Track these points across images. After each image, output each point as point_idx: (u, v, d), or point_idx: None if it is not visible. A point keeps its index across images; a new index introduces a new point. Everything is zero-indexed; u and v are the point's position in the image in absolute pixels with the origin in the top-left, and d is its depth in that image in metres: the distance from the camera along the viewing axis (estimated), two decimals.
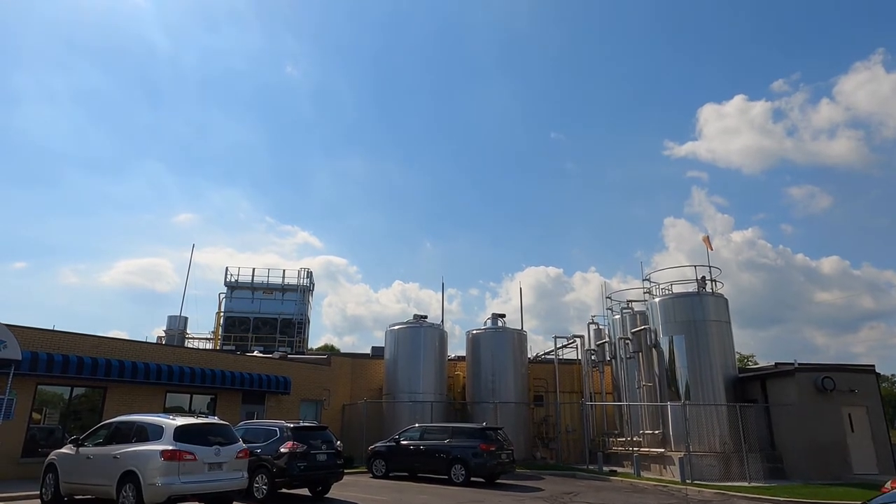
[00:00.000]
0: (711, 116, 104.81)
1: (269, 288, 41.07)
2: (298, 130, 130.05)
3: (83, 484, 11.27)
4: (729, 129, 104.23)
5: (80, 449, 11.51)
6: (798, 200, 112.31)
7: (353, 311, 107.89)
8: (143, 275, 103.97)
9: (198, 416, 11.81)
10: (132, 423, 11.24)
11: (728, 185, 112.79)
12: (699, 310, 22.34)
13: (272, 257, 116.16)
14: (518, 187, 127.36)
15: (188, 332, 39.16)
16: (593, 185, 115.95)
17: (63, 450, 12.01)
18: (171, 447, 10.16)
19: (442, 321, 28.82)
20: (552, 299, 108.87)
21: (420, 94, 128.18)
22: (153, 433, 10.62)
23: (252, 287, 40.99)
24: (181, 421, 10.83)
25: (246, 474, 11.38)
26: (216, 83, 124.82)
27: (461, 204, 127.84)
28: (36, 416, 16.85)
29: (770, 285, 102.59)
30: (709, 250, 24.76)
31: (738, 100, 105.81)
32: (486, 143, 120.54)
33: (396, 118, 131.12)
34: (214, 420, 12.08)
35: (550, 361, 29.52)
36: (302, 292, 41.60)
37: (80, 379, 17.03)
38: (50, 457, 12.15)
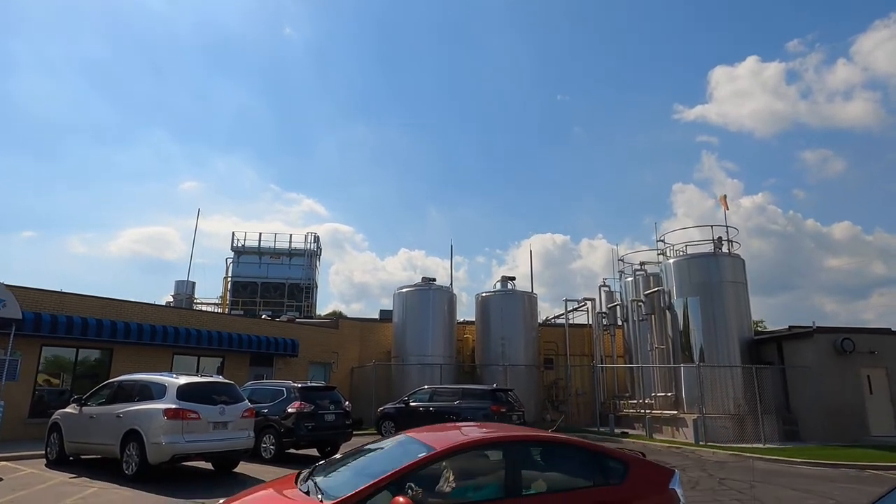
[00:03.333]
0: (723, 79, 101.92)
1: (276, 252, 40.72)
2: (301, 96, 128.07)
3: (87, 443, 11.12)
4: (741, 92, 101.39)
5: (84, 408, 11.30)
6: (811, 165, 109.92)
7: (359, 278, 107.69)
8: (150, 244, 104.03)
9: (202, 376, 11.54)
10: (135, 382, 10.99)
11: (739, 149, 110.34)
12: (715, 271, 21.82)
13: (278, 225, 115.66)
14: (524, 152, 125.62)
15: (196, 297, 39.10)
16: (600, 149, 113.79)
17: (67, 409, 11.82)
18: (174, 406, 9.89)
19: (451, 285, 28.46)
20: (559, 267, 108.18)
21: (424, 56, 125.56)
22: (156, 392, 10.35)
23: (259, 252, 40.70)
24: (184, 379, 10.56)
25: (252, 434, 11.12)
26: (217, 48, 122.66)
27: (466, 170, 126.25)
28: (45, 377, 16.78)
29: (780, 251, 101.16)
30: (725, 210, 24.15)
31: (751, 61, 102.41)
32: (492, 106, 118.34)
33: (400, 82, 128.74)
34: (219, 379, 11.82)
35: (561, 325, 29.22)
36: (309, 257, 41.29)
37: (85, 340, 16.84)
38: (54, 416, 12.00)
